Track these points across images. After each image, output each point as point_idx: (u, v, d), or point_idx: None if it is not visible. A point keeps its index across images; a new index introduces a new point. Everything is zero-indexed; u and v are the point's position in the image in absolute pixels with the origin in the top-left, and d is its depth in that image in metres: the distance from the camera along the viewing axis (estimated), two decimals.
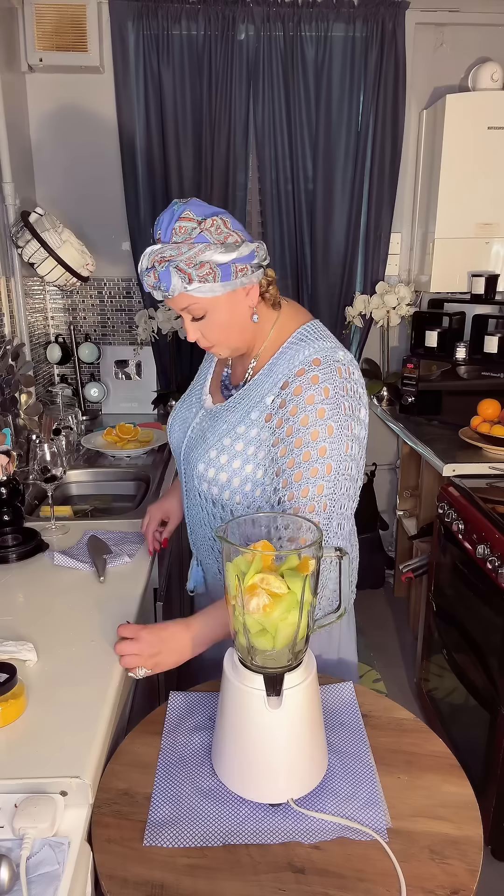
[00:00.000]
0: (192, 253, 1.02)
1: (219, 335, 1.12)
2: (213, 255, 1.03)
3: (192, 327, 1.12)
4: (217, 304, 1.08)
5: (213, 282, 1.04)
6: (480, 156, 2.55)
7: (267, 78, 2.58)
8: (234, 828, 0.84)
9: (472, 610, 1.85)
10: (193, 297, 1.06)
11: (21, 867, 0.73)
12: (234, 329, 1.12)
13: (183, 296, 1.06)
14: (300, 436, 1.05)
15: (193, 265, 1.02)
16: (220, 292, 1.06)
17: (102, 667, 1.07)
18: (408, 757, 0.95)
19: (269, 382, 1.12)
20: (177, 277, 1.03)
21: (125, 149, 2.64)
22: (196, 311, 1.09)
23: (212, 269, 1.04)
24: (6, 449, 1.53)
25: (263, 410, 1.11)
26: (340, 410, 1.06)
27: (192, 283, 1.03)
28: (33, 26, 2.45)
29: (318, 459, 1.04)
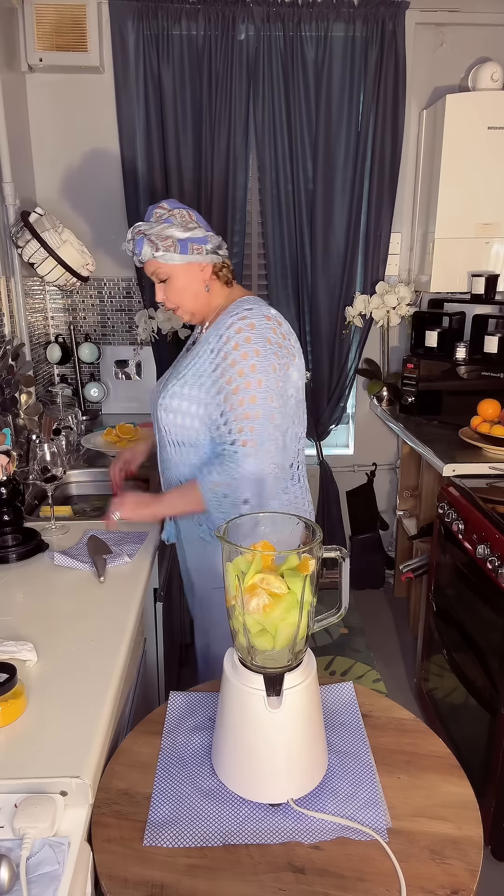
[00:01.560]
0: (159, 228, 1.39)
1: (178, 297, 1.46)
2: (174, 232, 1.39)
3: (160, 289, 1.46)
4: (176, 270, 1.43)
5: (174, 252, 1.40)
6: (480, 156, 2.55)
7: (267, 78, 2.58)
8: (234, 828, 0.84)
9: (472, 610, 1.85)
10: (159, 262, 1.41)
11: (21, 867, 0.73)
12: (189, 294, 1.45)
13: (151, 261, 1.42)
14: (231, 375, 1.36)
15: (160, 237, 1.39)
16: (178, 261, 1.41)
17: (102, 667, 1.07)
18: (408, 757, 0.95)
19: (210, 337, 1.41)
20: (147, 246, 1.39)
21: (125, 149, 2.64)
22: (160, 273, 1.43)
23: (173, 242, 1.39)
24: (6, 449, 1.53)
25: (206, 358, 1.40)
26: (263, 350, 1.36)
27: (158, 251, 1.39)
28: (33, 26, 2.45)
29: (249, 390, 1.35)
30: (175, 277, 1.43)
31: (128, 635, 1.17)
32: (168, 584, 1.85)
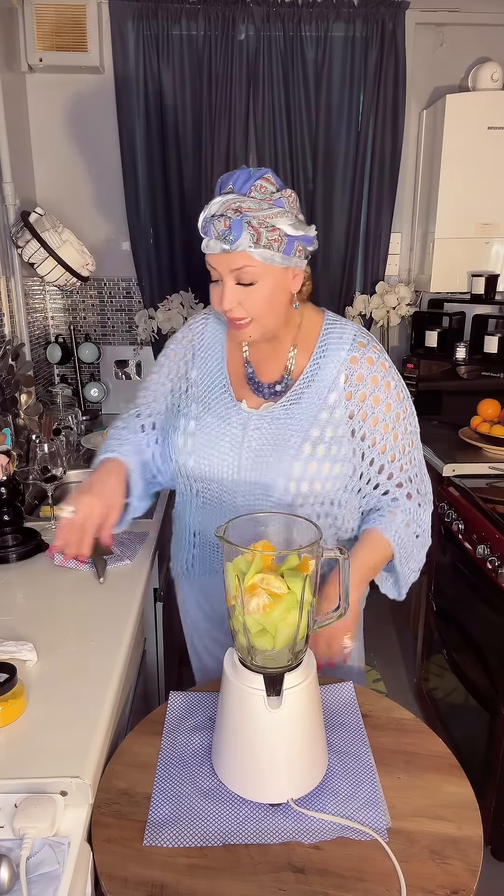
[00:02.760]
0: (269, 213, 1.00)
1: (260, 308, 1.06)
2: (285, 224, 1.01)
3: (234, 292, 1.05)
4: (270, 274, 1.04)
5: (277, 251, 1.02)
6: (480, 156, 2.55)
7: (267, 78, 2.58)
8: (234, 828, 0.83)
9: (472, 610, 1.85)
10: (253, 259, 1.02)
11: (21, 867, 0.73)
12: (275, 308, 1.08)
13: (243, 254, 1.01)
14: (386, 422, 1.13)
15: (266, 226, 1.00)
16: (278, 264, 1.04)
17: (102, 667, 1.07)
18: (408, 757, 0.95)
19: (324, 376, 1.13)
20: (248, 234, 0.99)
21: (125, 149, 2.64)
22: (248, 274, 1.03)
23: (280, 237, 1.01)
24: (6, 449, 1.53)
25: (332, 409, 1.12)
26: (398, 377, 1.17)
27: (258, 243, 1.00)
28: (33, 26, 2.45)
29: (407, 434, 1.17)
30: (264, 283, 1.05)
31: (128, 635, 1.17)
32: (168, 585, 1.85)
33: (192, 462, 1.16)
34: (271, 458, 1.11)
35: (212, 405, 1.17)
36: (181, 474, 1.20)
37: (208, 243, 1.02)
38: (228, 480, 1.14)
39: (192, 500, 1.22)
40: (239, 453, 1.13)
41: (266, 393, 1.16)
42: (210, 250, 1.03)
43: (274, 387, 1.16)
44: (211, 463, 1.15)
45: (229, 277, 1.04)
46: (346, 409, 1.12)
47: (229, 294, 1.05)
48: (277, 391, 1.15)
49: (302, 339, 1.16)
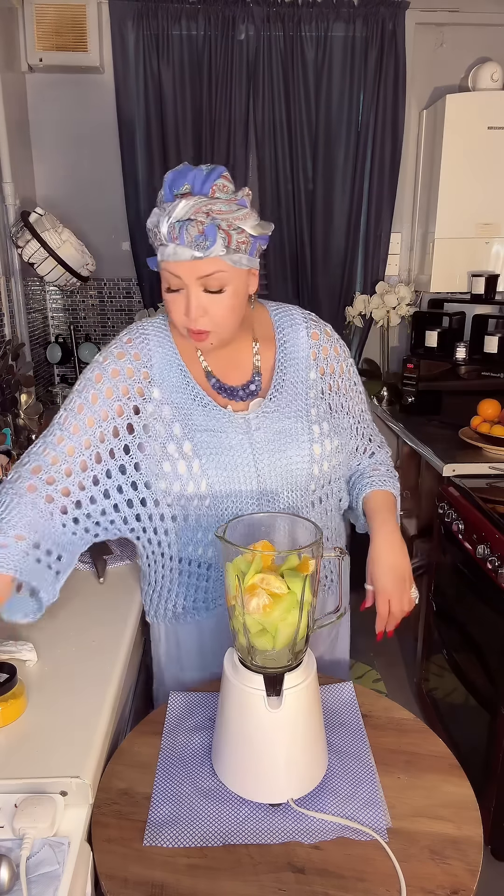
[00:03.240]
0: (236, 214, 0.95)
1: (225, 316, 1.00)
2: (249, 225, 0.96)
3: (200, 301, 0.98)
4: (237, 279, 0.99)
5: (244, 253, 0.97)
6: (480, 156, 2.55)
7: (267, 78, 2.58)
8: (234, 828, 0.83)
9: (472, 610, 1.85)
10: (224, 264, 0.96)
11: (21, 867, 0.73)
12: (237, 313, 1.02)
13: (216, 260, 0.95)
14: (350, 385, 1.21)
15: (234, 228, 0.95)
16: (244, 266, 0.99)
17: (102, 667, 1.07)
18: (408, 757, 0.95)
19: (297, 358, 1.15)
20: (220, 238, 0.93)
21: (125, 149, 2.64)
22: (217, 281, 0.97)
23: (246, 238, 0.97)
24: (6, 449, 1.53)
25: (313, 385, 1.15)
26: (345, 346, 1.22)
27: (229, 247, 0.95)
28: (33, 26, 2.45)
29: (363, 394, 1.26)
30: (230, 288, 0.99)
31: (128, 635, 1.16)
32: None
33: (205, 485, 1.06)
34: (289, 450, 1.09)
35: (197, 421, 1.07)
36: (186, 507, 1.09)
37: (175, 250, 0.94)
38: (247, 490, 1.08)
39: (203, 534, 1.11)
40: (253, 458, 1.07)
41: (241, 395, 1.11)
42: (177, 257, 0.94)
43: (248, 387, 1.12)
44: (226, 477, 1.06)
45: (196, 285, 0.97)
46: (324, 382, 1.16)
47: (196, 303, 0.98)
48: (252, 390, 1.12)
49: (260, 333, 1.15)
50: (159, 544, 1.15)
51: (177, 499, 1.08)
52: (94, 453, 1.07)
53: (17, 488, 1.02)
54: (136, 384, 1.08)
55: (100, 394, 1.07)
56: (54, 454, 1.05)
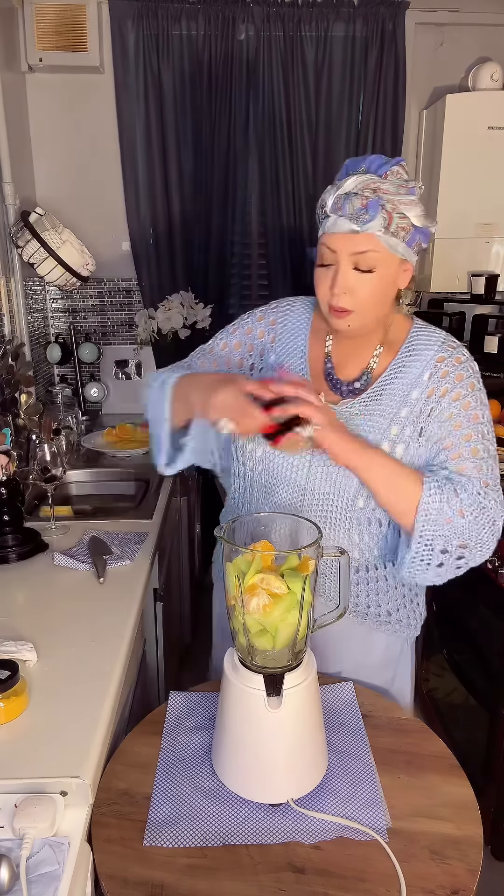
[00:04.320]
0: (403, 199, 0.96)
1: (369, 300, 1.01)
2: (414, 214, 0.98)
3: (348, 278, 1.00)
4: (389, 264, 1.00)
5: (402, 240, 0.98)
6: (480, 156, 2.55)
7: (267, 78, 2.58)
8: (234, 828, 0.83)
9: (472, 610, 1.85)
10: (379, 244, 0.97)
11: (21, 867, 0.73)
12: (382, 302, 1.03)
13: (371, 237, 0.97)
14: (459, 420, 1.06)
15: (398, 212, 0.96)
16: (399, 254, 1.00)
17: (102, 667, 1.07)
18: (408, 757, 0.95)
19: (408, 373, 1.08)
20: (381, 217, 0.95)
21: (125, 149, 2.64)
22: (369, 260, 0.98)
23: (408, 226, 0.98)
24: (6, 449, 1.53)
25: (412, 406, 1.07)
26: (482, 385, 1.12)
27: (388, 228, 0.96)
28: (33, 26, 2.45)
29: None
30: (380, 272, 0.99)
31: (128, 635, 1.17)
32: (168, 585, 1.85)
33: (261, 452, 1.10)
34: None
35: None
36: (244, 465, 1.14)
37: (336, 222, 0.98)
38: (298, 481, 1.08)
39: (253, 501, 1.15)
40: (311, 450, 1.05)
41: (344, 391, 1.11)
42: (336, 229, 0.98)
43: (353, 384, 1.11)
44: (279, 456, 1.08)
45: (347, 261, 0.99)
46: (428, 405, 1.06)
47: (343, 279, 1.00)
48: (356, 389, 1.11)
49: (389, 340, 1.11)
50: (230, 500, 1.23)
51: (240, 453, 1.15)
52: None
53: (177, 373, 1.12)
54: (260, 345, 1.18)
55: (229, 340, 1.20)
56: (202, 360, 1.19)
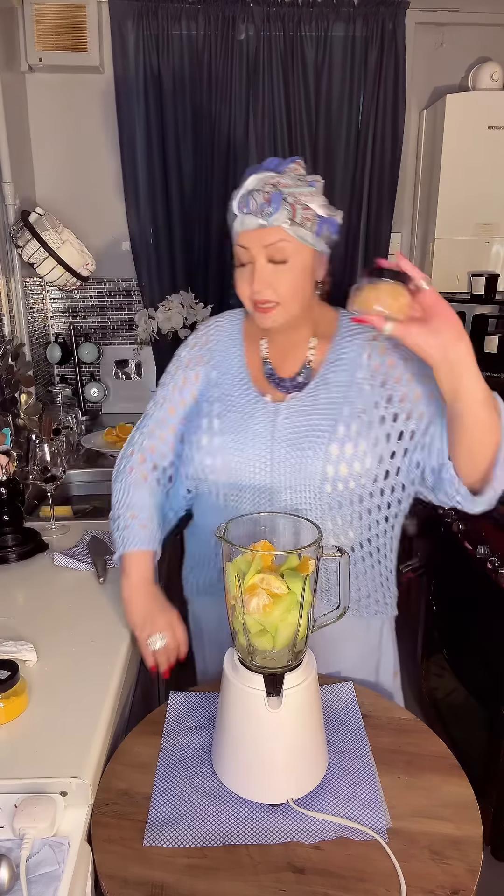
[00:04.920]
0: (304, 190, 1.02)
1: (290, 290, 1.05)
2: (317, 205, 1.03)
3: (265, 272, 1.03)
4: (302, 254, 1.04)
5: (309, 230, 1.03)
6: (480, 156, 2.55)
7: (267, 78, 2.57)
8: (234, 828, 0.83)
9: (472, 610, 1.85)
10: (288, 234, 1.01)
11: (21, 867, 0.73)
12: (302, 292, 1.07)
13: (279, 230, 1.01)
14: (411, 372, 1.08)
15: (301, 204, 1.01)
16: (309, 243, 1.03)
17: (102, 667, 1.07)
18: (408, 757, 0.95)
19: (349, 358, 1.12)
20: (285, 210, 1.00)
21: (125, 149, 2.64)
22: (281, 250, 1.02)
23: (312, 216, 1.02)
24: (6, 449, 1.53)
25: (360, 385, 1.10)
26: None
27: (293, 220, 1.01)
28: (33, 26, 2.45)
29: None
30: (295, 262, 1.03)
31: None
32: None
33: (221, 461, 1.12)
34: (305, 444, 1.08)
35: (235, 402, 1.15)
36: (206, 480, 1.16)
37: (244, 220, 1.02)
38: (260, 477, 1.11)
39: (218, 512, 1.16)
40: (270, 446, 1.10)
41: (288, 387, 1.15)
42: (245, 227, 1.02)
43: (295, 379, 1.15)
44: (241, 459, 1.11)
45: (261, 255, 1.03)
46: (376, 378, 1.09)
47: (260, 273, 1.03)
48: (299, 383, 1.14)
49: (321, 332, 1.16)
50: (196, 515, 1.27)
51: (200, 470, 1.16)
52: (179, 436, 1.22)
53: (133, 478, 1.21)
54: (203, 369, 1.21)
55: (177, 384, 1.22)
56: (152, 443, 1.22)
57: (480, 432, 0.95)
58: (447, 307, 0.88)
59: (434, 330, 0.87)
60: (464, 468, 1.00)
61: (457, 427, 0.96)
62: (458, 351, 0.89)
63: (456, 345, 0.89)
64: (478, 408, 0.93)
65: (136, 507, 1.18)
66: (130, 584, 1.15)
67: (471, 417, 0.94)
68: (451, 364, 0.90)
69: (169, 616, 1.14)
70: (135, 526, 1.17)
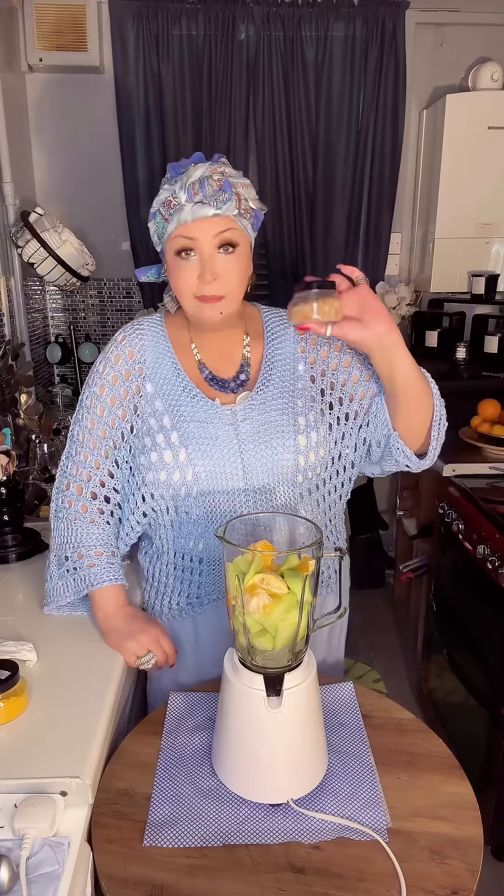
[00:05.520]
0: (243, 181, 1.03)
1: (236, 281, 1.04)
2: (252, 197, 1.05)
3: (215, 262, 1.02)
4: (245, 245, 1.05)
5: (248, 221, 1.05)
6: (480, 156, 2.55)
7: (267, 78, 2.58)
8: (234, 828, 0.83)
9: (472, 610, 1.85)
10: (235, 223, 1.02)
11: (21, 867, 0.73)
12: (244, 281, 1.07)
13: (229, 219, 1.01)
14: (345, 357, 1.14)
15: (243, 196, 1.03)
16: (249, 234, 1.06)
17: (102, 667, 1.07)
18: (408, 757, 0.95)
19: (285, 353, 1.16)
20: (234, 199, 1.00)
21: (125, 149, 2.64)
22: (233, 237, 1.01)
23: (249, 208, 1.04)
24: (6, 449, 1.53)
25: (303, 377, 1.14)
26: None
27: (240, 209, 1.02)
28: (33, 26, 2.45)
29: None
30: (241, 251, 1.04)
31: None
32: None
33: (191, 474, 1.08)
34: (274, 441, 1.10)
35: (186, 412, 1.11)
36: (175, 497, 1.11)
37: (195, 209, 0.99)
38: (234, 481, 1.10)
39: (193, 526, 1.14)
40: (239, 448, 1.10)
41: (232, 387, 1.14)
42: (197, 215, 0.99)
43: (238, 378, 1.15)
44: (212, 467, 1.09)
45: (210, 245, 1.01)
46: (313, 370, 1.15)
47: (211, 263, 1.01)
48: (242, 381, 1.15)
49: (251, 329, 1.18)
50: (159, 538, 1.19)
51: (166, 488, 1.10)
52: (113, 460, 1.15)
53: (73, 513, 1.14)
54: (133, 383, 1.14)
55: (105, 405, 1.13)
56: (87, 471, 1.14)
57: (416, 404, 1.07)
58: (376, 301, 0.96)
59: (367, 324, 0.95)
60: (406, 436, 1.10)
61: (396, 403, 1.06)
62: (390, 339, 0.97)
63: (388, 335, 0.97)
64: (411, 384, 1.03)
65: (82, 545, 1.12)
66: (104, 613, 1.13)
67: (407, 393, 1.04)
68: (385, 350, 0.98)
69: (153, 633, 1.11)
70: (83, 566, 1.12)
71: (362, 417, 1.14)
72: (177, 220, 1.00)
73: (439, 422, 1.10)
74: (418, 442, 1.11)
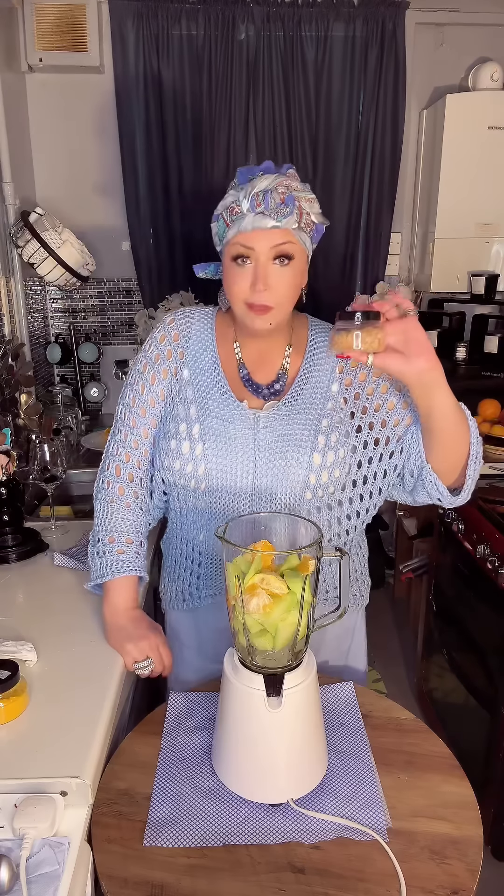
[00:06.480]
0: (308, 195, 1.04)
1: (287, 293, 1.04)
2: (315, 211, 1.05)
3: (269, 273, 1.02)
4: (301, 258, 1.05)
5: (308, 234, 1.04)
6: (480, 156, 2.55)
7: (267, 78, 2.58)
8: (234, 828, 0.83)
9: (472, 610, 1.85)
10: (293, 237, 1.02)
11: (21, 867, 0.73)
12: (294, 294, 1.07)
13: (287, 232, 1.01)
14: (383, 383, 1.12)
15: (304, 210, 1.02)
16: (307, 249, 1.06)
17: (102, 667, 1.07)
18: (408, 757, 0.95)
19: (322, 369, 1.14)
20: (296, 213, 1.00)
21: (125, 149, 2.64)
22: (287, 252, 1.01)
23: (310, 223, 1.04)
24: (6, 449, 1.53)
25: (336, 398, 1.12)
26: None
27: (300, 223, 1.01)
28: (33, 26, 2.45)
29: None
30: (296, 266, 1.04)
31: None
32: None
33: (203, 469, 1.10)
34: (289, 453, 1.09)
35: (212, 407, 1.12)
36: (185, 487, 1.14)
37: (255, 219, 0.99)
38: (243, 484, 1.11)
39: (197, 517, 1.17)
40: (253, 454, 1.10)
41: (265, 394, 1.14)
42: (256, 226, 0.99)
43: (272, 386, 1.14)
44: (224, 466, 1.10)
45: (267, 256, 1.01)
46: (348, 392, 1.13)
47: (265, 274, 1.01)
48: (276, 391, 1.14)
49: (295, 339, 1.16)
50: (171, 522, 1.25)
51: (178, 477, 1.13)
52: (152, 440, 1.17)
53: (110, 494, 1.16)
54: (174, 364, 1.16)
55: (146, 382, 1.16)
56: (126, 451, 1.16)
57: (452, 440, 1.04)
58: (422, 335, 0.93)
59: (409, 359, 0.92)
60: (440, 469, 1.07)
61: (431, 437, 1.04)
62: (431, 377, 0.95)
63: (430, 372, 0.94)
64: (449, 421, 1.01)
65: (115, 529, 1.14)
66: (112, 609, 1.13)
67: (443, 429, 1.02)
68: (425, 386, 0.96)
69: (154, 640, 1.11)
70: (112, 552, 1.13)
71: (394, 444, 1.11)
72: (237, 227, 1.01)
73: (475, 459, 1.07)
74: (452, 477, 1.09)
